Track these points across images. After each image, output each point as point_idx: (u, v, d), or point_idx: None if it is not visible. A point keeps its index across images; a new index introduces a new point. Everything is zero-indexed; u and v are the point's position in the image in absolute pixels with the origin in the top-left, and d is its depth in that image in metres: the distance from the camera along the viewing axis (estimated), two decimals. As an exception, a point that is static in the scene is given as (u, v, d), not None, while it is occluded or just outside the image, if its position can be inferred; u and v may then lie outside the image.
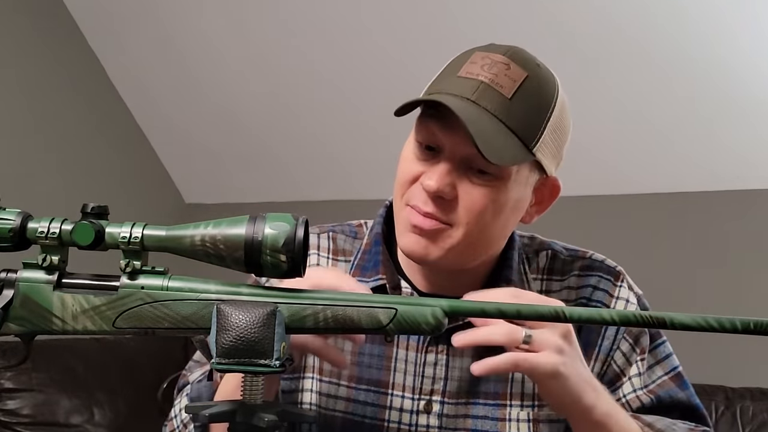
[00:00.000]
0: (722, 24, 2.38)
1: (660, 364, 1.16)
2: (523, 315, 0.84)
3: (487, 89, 1.02)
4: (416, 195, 1.05)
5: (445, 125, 1.02)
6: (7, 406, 2.72)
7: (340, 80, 3.04)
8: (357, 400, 1.12)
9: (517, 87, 1.03)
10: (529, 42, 1.12)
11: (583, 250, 1.20)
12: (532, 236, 1.22)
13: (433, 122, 1.03)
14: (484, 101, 1.01)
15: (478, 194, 1.03)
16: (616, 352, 1.14)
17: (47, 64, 3.29)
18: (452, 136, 1.02)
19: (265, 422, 0.78)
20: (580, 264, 1.17)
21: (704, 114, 2.59)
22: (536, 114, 1.04)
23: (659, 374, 1.15)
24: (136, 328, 0.82)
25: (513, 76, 1.03)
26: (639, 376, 1.14)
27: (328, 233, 1.22)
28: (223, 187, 3.68)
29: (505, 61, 1.04)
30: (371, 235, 1.18)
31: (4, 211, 0.82)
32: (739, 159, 2.65)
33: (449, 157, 1.03)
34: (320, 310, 0.81)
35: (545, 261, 1.18)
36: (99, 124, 3.49)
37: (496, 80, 1.02)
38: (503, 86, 1.02)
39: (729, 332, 0.81)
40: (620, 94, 2.66)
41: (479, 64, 1.04)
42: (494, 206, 1.05)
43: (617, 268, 1.18)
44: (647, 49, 2.53)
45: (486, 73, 1.03)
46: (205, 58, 3.30)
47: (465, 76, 1.04)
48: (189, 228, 0.81)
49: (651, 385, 1.15)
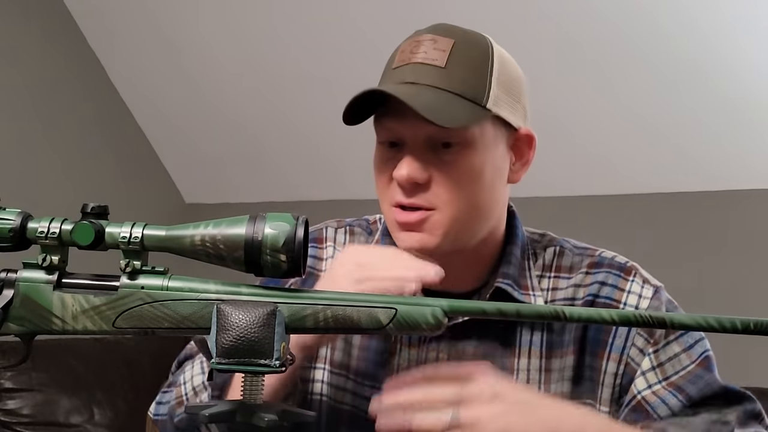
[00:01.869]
0: (724, 26, 2.38)
1: (686, 352, 1.10)
2: (523, 315, 0.84)
3: (421, 67, 1.04)
4: (394, 191, 1.06)
5: (397, 116, 1.04)
6: (7, 405, 2.72)
7: (337, 81, 3.04)
8: (362, 395, 1.12)
9: (448, 54, 1.05)
10: (531, 45, 1.13)
11: (594, 248, 1.18)
12: (543, 233, 1.21)
13: (385, 119, 1.06)
14: (422, 79, 1.03)
15: (450, 168, 1.04)
16: (632, 349, 1.10)
17: (49, 65, 3.29)
18: (406, 123, 1.03)
19: (265, 422, 0.78)
20: (589, 261, 1.15)
21: (708, 115, 2.59)
22: (475, 72, 1.05)
23: (685, 363, 1.10)
24: (136, 328, 0.82)
25: (441, 47, 1.05)
26: (653, 369, 1.10)
27: (346, 227, 1.23)
28: (223, 188, 3.68)
29: (430, 38, 1.06)
30: (381, 232, 1.19)
31: (4, 211, 0.82)
32: (738, 159, 2.65)
33: (411, 144, 1.05)
34: (320, 310, 0.81)
35: (552, 257, 1.17)
36: (99, 124, 3.49)
37: (427, 57, 1.04)
38: (435, 59, 1.04)
39: (729, 332, 0.80)
40: (622, 95, 2.66)
41: (408, 51, 1.07)
42: (471, 174, 1.05)
43: (628, 264, 1.15)
44: (647, 51, 2.53)
45: (416, 54, 1.05)
46: (206, 60, 3.30)
47: (398, 65, 1.07)
48: (189, 228, 0.81)
49: (674, 376, 1.09)
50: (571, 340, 1.11)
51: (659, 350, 1.10)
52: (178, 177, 3.79)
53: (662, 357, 1.10)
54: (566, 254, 1.17)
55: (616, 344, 1.11)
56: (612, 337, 1.11)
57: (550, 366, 1.11)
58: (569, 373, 1.11)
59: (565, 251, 1.17)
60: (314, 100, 3.16)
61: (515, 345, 1.11)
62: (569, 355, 1.11)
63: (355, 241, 1.22)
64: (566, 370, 1.11)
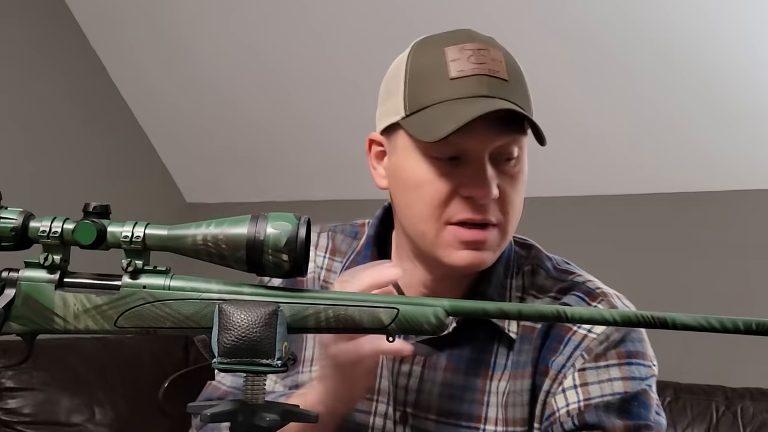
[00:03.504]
0: (739, 29, 2.38)
1: (624, 381, 1.05)
2: (524, 315, 0.84)
3: (490, 80, 1.02)
4: (462, 209, 1.03)
5: (462, 130, 0.98)
6: (8, 405, 2.72)
7: (340, 79, 3.04)
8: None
9: (505, 65, 1.03)
10: (542, 43, 1.13)
11: (573, 271, 1.14)
12: (530, 247, 1.17)
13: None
14: (495, 92, 1.01)
15: (514, 182, 1.04)
16: (569, 369, 1.06)
17: (49, 64, 3.29)
18: (474, 137, 1.01)
19: (266, 422, 0.78)
20: (559, 286, 1.12)
21: (721, 117, 2.59)
22: (522, 85, 1.06)
23: (617, 390, 1.04)
24: (137, 328, 0.82)
25: (496, 57, 1.03)
26: (574, 388, 1.05)
27: (328, 232, 1.23)
28: (224, 187, 3.68)
29: (481, 47, 1.04)
30: (366, 237, 1.18)
31: (5, 210, 0.82)
32: (748, 159, 2.64)
33: (477, 157, 1.02)
34: (322, 310, 0.81)
35: (529, 277, 1.13)
36: (101, 123, 3.49)
37: (489, 68, 1.02)
38: (497, 71, 1.02)
39: (731, 332, 0.80)
40: (630, 95, 2.66)
41: (464, 59, 1.02)
42: (522, 186, 1.06)
43: (598, 290, 1.10)
44: (659, 51, 2.52)
45: (476, 65, 1.02)
46: (207, 59, 3.30)
47: (459, 75, 1.02)
48: (191, 227, 0.81)
49: (593, 399, 1.04)
50: (528, 362, 1.08)
51: (589, 370, 1.06)
52: (180, 176, 3.79)
53: (590, 377, 1.05)
54: (540, 274, 1.13)
55: (557, 362, 1.07)
56: (556, 355, 1.07)
57: (515, 387, 1.08)
58: (526, 396, 1.08)
59: (540, 271, 1.13)
60: (316, 100, 3.16)
61: (489, 366, 1.09)
62: (526, 378, 1.08)
63: (337, 246, 1.21)
64: (524, 393, 1.08)
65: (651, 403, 1.06)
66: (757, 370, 2.56)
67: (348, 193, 3.26)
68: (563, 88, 2.65)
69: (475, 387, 1.08)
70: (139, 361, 3.01)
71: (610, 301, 1.09)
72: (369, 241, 1.16)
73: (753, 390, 2.51)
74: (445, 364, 1.09)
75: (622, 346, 1.06)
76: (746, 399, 2.47)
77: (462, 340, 1.09)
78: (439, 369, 1.09)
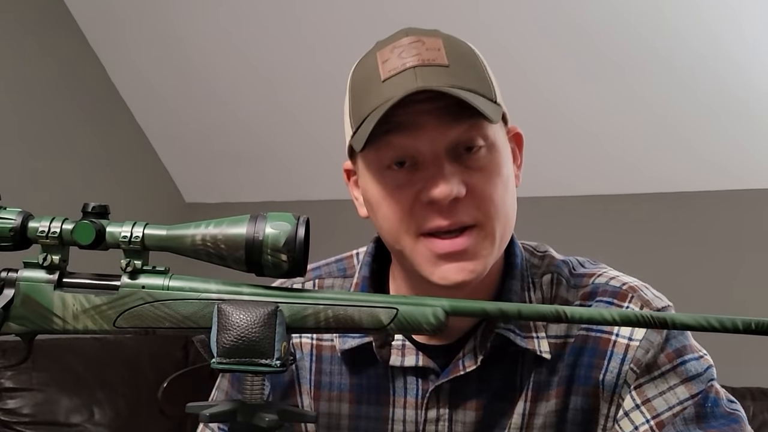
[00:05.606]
0: (737, 30, 2.38)
1: (686, 384, 0.98)
2: (524, 315, 0.84)
3: (423, 70, 0.92)
4: (422, 218, 0.94)
5: (406, 130, 0.92)
6: (8, 405, 2.72)
7: (340, 80, 3.04)
8: None
9: (445, 52, 0.93)
10: (543, 45, 1.12)
11: (591, 272, 1.05)
12: (543, 254, 1.08)
13: (392, 136, 0.92)
14: (431, 81, 0.91)
15: (481, 174, 0.94)
16: (623, 387, 0.99)
17: (48, 64, 3.29)
18: (420, 136, 0.92)
19: (265, 422, 0.78)
20: (582, 293, 1.03)
21: (719, 114, 2.59)
22: (474, 68, 0.95)
23: (683, 397, 0.97)
24: (136, 328, 0.82)
25: (433, 46, 0.94)
26: (637, 408, 0.98)
27: (314, 281, 1.12)
28: (223, 187, 3.68)
29: (414, 40, 0.95)
30: (359, 277, 1.08)
31: (4, 211, 0.82)
32: (751, 159, 2.65)
33: (432, 156, 0.93)
34: (321, 310, 0.81)
35: (549, 289, 1.05)
36: (100, 123, 3.49)
37: (424, 58, 0.92)
38: (434, 58, 0.92)
39: (730, 332, 0.80)
40: (632, 95, 2.66)
41: (395, 57, 0.94)
42: (499, 178, 0.95)
43: (624, 287, 1.03)
44: (659, 50, 2.52)
45: (408, 59, 0.93)
46: (206, 59, 3.30)
47: (390, 75, 0.93)
48: (190, 227, 0.81)
49: (663, 415, 0.97)
50: (558, 381, 1.01)
51: (645, 384, 0.99)
52: (179, 176, 3.79)
53: (650, 392, 0.98)
54: (561, 285, 1.05)
55: (607, 381, 0.99)
56: (603, 373, 0.99)
57: (535, 410, 1.01)
58: (551, 419, 1.01)
59: (561, 281, 1.05)
60: (315, 100, 3.15)
61: (519, 391, 1.01)
62: (553, 399, 1.00)
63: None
64: (549, 415, 1.01)
65: (720, 396, 0.98)
66: (758, 370, 2.56)
67: (347, 193, 3.25)
68: (562, 89, 2.65)
69: (508, 415, 1.01)
70: (138, 361, 3.01)
71: (639, 295, 1.02)
72: (364, 283, 1.06)
73: (753, 390, 2.51)
74: (475, 402, 1.01)
75: (668, 347, 0.99)
76: (746, 399, 2.47)
77: (487, 372, 1.01)
78: (470, 409, 1.01)
